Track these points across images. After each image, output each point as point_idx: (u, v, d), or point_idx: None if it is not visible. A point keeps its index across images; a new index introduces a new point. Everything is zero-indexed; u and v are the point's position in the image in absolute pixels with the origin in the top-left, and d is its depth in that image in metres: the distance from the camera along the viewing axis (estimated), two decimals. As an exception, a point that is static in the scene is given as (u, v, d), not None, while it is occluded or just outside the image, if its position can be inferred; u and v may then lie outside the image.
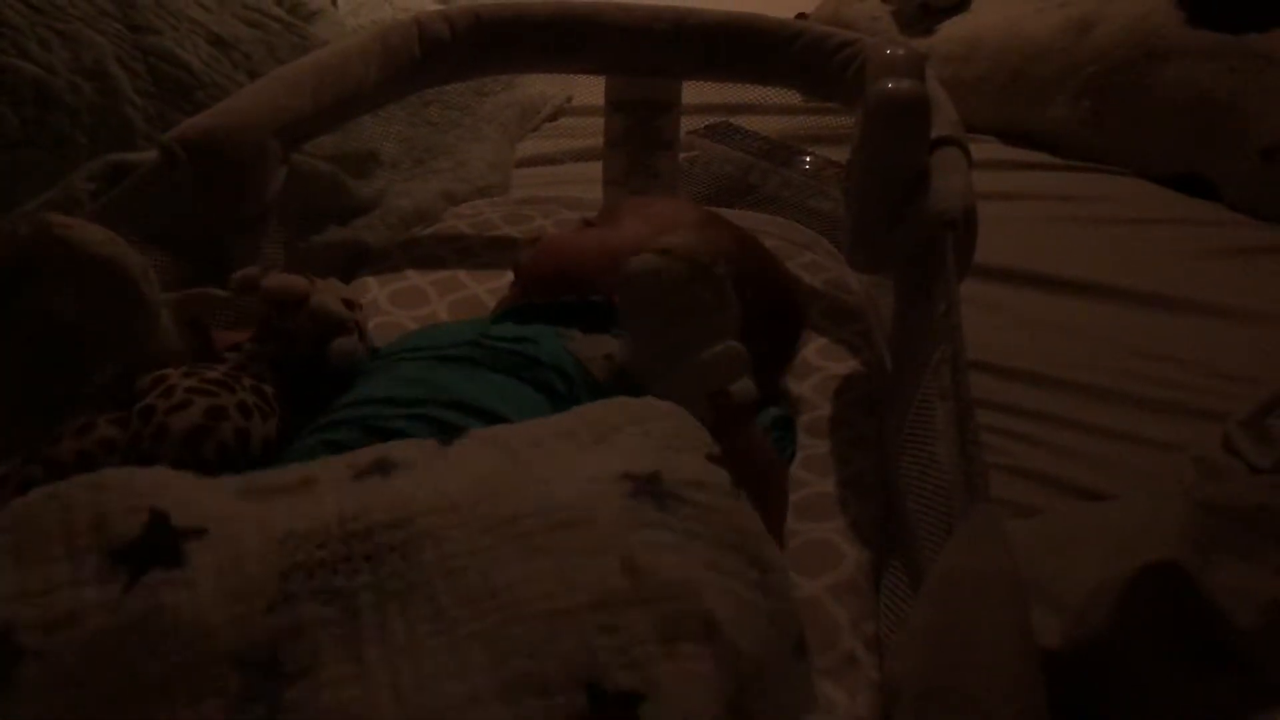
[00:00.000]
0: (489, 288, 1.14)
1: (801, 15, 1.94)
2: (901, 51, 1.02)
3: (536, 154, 1.54)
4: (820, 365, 1.03)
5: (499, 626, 0.50)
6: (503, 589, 0.51)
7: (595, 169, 1.30)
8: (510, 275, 1.03)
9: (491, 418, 0.73)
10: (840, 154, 1.43)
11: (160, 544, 0.53)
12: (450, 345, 0.82)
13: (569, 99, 1.70)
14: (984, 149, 1.53)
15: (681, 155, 1.31)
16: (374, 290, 1.13)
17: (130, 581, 0.52)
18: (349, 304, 0.83)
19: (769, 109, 1.59)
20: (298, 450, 0.74)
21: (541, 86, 1.68)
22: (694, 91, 1.26)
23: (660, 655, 0.49)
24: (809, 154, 1.46)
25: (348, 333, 0.81)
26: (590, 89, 1.61)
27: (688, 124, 1.31)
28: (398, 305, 1.11)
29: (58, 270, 0.73)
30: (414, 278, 1.16)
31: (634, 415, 0.63)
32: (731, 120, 1.54)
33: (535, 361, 0.78)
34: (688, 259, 0.74)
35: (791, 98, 1.64)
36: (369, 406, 0.75)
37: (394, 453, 0.61)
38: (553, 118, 1.66)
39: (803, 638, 0.58)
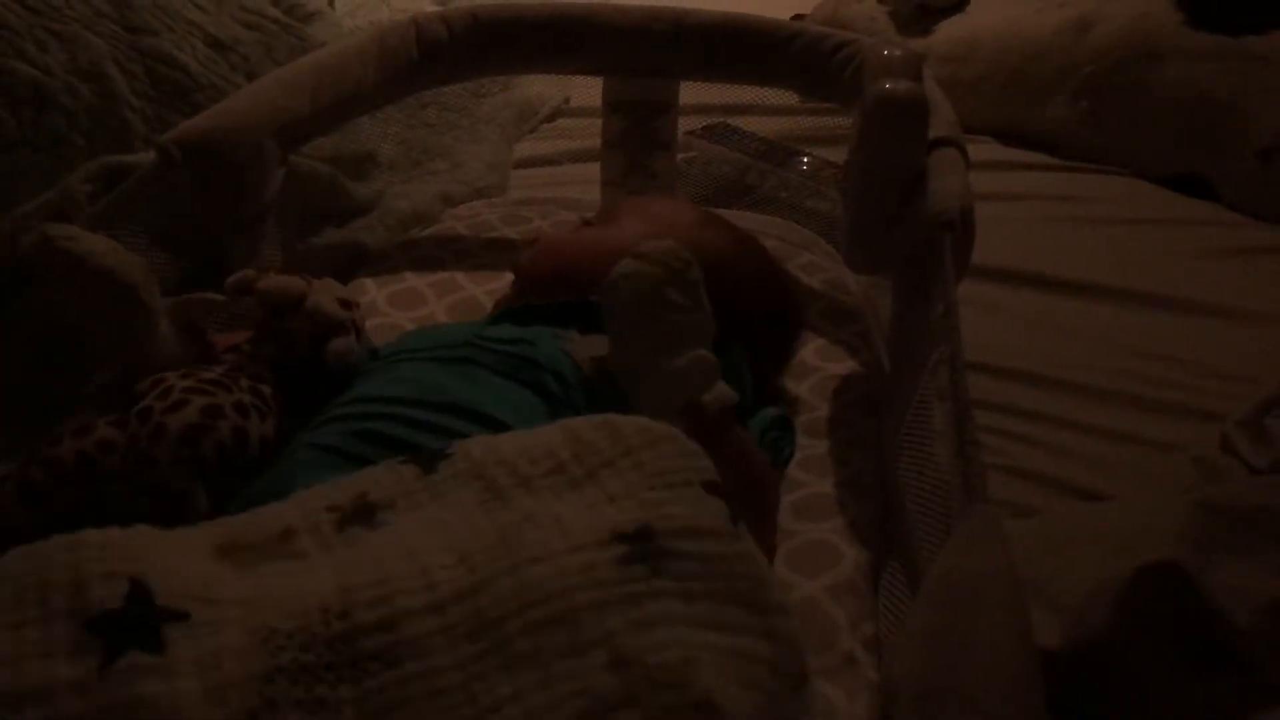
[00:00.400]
0: (487, 289, 1.14)
1: (798, 16, 1.94)
2: (899, 52, 1.02)
3: (534, 155, 1.54)
4: (818, 366, 1.03)
5: None
6: (487, 712, 0.50)
7: (593, 170, 1.30)
8: (509, 276, 1.03)
9: (486, 420, 0.72)
10: (837, 155, 1.43)
11: (139, 622, 0.51)
12: (447, 346, 0.82)
13: (566, 100, 1.70)
14: (982, 149, 1.53)
15: (679, 156, 1.31)
16: (372, 292, 1.13)
17: (105, 661, 0.49)
18: (346, 304, 0.83)
19: (766, 110, 1.59)
20: (289, 454, 0.74)
21: (539, 88, 1.68)
22: (691, 92, 1.26)
23: None
24: (806, 155, 1.46)
25: (344, 333, 0.81)
26: (588, 90, 1.60)
27: (685, 125, 1.31)
28: (396, 307, 1.11)
29: (60, 279, 0.73)
30: (412, 279, 1.16)
31: (625, 444, 0.61)
32: (729, 121, 1.54)
33: (532, 363, 0.78)
34: (661, 262, 0.75)
35: (789, 99, 1.64)
36: (364, 405, 0.75)
37: (374, 491, 0.59)
38: (550, 119, 1.66)
39: (803, 669, 0.56)
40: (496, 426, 0.71)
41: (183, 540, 0.57)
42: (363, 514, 0.58)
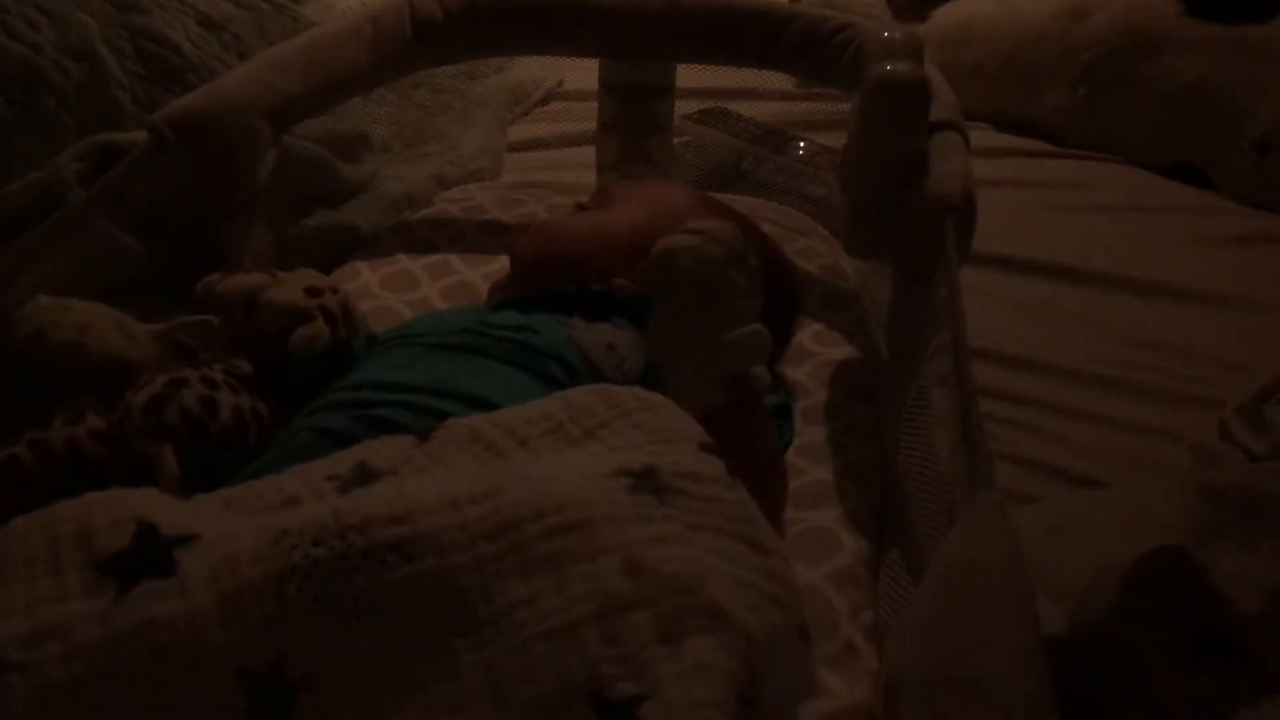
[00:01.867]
0: (481, 272, 1.13)
1: None
2: (899, 34, 1.01)
3: (528, 138, 1.52)
4: (815, 351, 1.03)
5: (500, 656, 0.50)
6: (503, 613, 0.51)
7: (587, 153, 1.29)
8: (504, 260, 1.02)
9: (486, 408, 0.71)
10: (834, 140, 1.42)
11: (150, 553, 0.51)
12: (449, 332, 0.81)
13: (560, 83, 1.69)
14: (978, 136, 1.50)
15: (674, 140, 1.30)
16: (365, 275, 1.12)
17: (120, 593, 0.50)
18: (315, 291, 0.82)
19: (762, 95, 1.58)
20: (287, 437, 0.74)
21: (533, 70, 1.66)
22: (686, 76, 1.25)
23: (665, 656, 0.49)
24: (802, 140, 1.45)
25: (310, 320, 0.80)
26: (582, 73, 1.59)
27: (680, 109, 1.30)
28: (389, 289, 1.10)
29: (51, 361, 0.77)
30: (405, 262, 1.15)
31: (620, 407, 0.62)
32: (724, 106, 1.53)
33: (536, 350, 0.77)
34: (725, 242, 0.76)
35: (784, 84, 1.64)
36: (365, 392, 0.75)
37: (373, 459, 0.60)
38: (544, 102, 1.65)
39: (806, 623, 0.57)
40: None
41: (189, 501, 0.58)
42: (364, 480, 0.58)
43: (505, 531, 0.52)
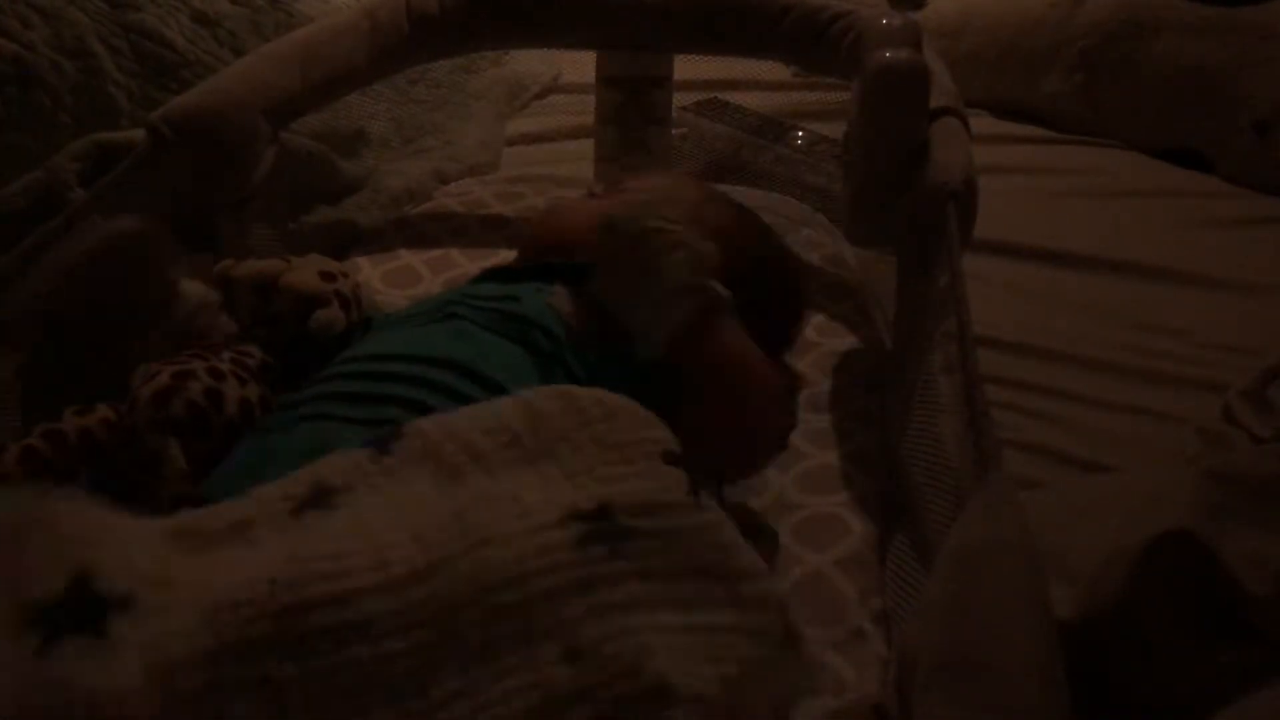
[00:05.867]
0: (483, 265, 1.12)
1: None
2: (898, 21, 1.01)
3: (526, 132, 1.52)
4: (818, 341, 1.02)
5: None
6: (439, 706, 0.49)
7: (586, 146, 1.29)
8: (506, 254, 1.02)
9: (477, 377, 0.72)
10: (832, 130, 1.42)
11: (81, 610, 0.49)
12: (434, 307, 0.81)
13: (557, 77, 1.68)
14: (977, 123, 1.49)
15: (673, 132, 1.29)
16: (367, 270, 1.11)
17: (43, 645, 0.47)
18: (329, 276, 0.83)
19: (759, 86, 1.58)
20: (276, 413, 0.74)
21: (530, 64, 1.66)
22: (683, 68, 1.25)
23: None
24: (801, 130, 1.45)
25: (326, 304, 0.82)
26: (579, 66, 1.59)
27: (678, 101, 1.30)
28: (391, 284, 1.10)
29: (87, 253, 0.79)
30: (407, 257, 1.15)
31: (582, 416, 0.60)
32: (722, 97, 1.52)
33: (519, 318, 0.77)
34: (648, 202, 0.77)
35: (781, 75, 1.64)
36: (354, 365, 0.75)
37: (330, 477, 0.58)
38: (541, 96, 1.64)
39: (790, 626, 0.56)
40: (487, 382, 0.71)
41: (135, 525, 0.55)
42: (319, 499, 0.56)
43: (441, 619, 0.51)
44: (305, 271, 0.83)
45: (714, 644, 0.52)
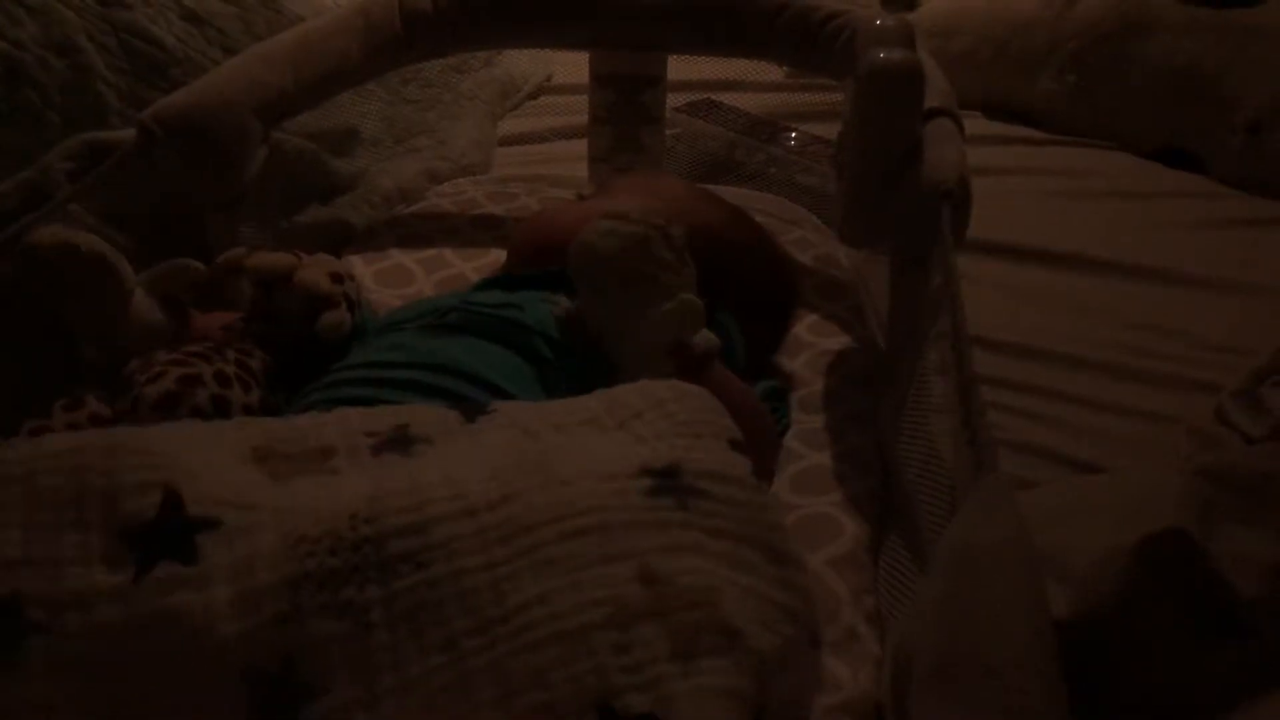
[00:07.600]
0: (475, 265, 1.12)
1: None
2: (892, 21, 1.01)
3: (518, 132, 1.52)
4: (812, 341, 1.02)
5: (509, 656, 0.49)
6: (514, 612, 0.50)
7: (579, 146, 1.29)
8: (498, 254, 1.01)
9: (481, 383, 0.72)
10: (823, 130, 1.42)
11: (173, 533, 0.52)
12: (434, 313, 0.81)
13: (549, 77, 1.68)
14: (969, 124, 1.50)
15: (666, 132, 1.29)
16: (359, 269, 1.11)
17: (140, 570, 0.51)
18: (338, 278, 0.82)
19: (752, 86, 1.58)
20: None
21: (522, 64, 1.66)
22: (676, 69, 1.25)
23: (676, 673, 0.49)
24: (793, 130, 1.45)
25: (334, 306, 0.80)
26: (571, 66, 1.59)
27: (670, 102, 1.30)
28: (383, 284, 1.09)
29: (68, 272, 0.77)
30: (399, 257, 1.14)
31: (655, 398, 0.63)
32: (714, 97, 1.53)
33: (521, 327, 0.77)
34: (641, 220, 0.76)
35: (774, 75, 1.64)
36: (356, 371, 0.75)
37: (414, 425, 0.60)
38: (533, 96, 1.64)
39: (818, 631, 0.57)
40: (491, 389, 0.71)
41: (219, 443, 0.58)
42: (400, 443, 0.59)
43: (519, 536, 0.53)
44: (315, 271, 0.82)
45: (767, 613, 0.53)
